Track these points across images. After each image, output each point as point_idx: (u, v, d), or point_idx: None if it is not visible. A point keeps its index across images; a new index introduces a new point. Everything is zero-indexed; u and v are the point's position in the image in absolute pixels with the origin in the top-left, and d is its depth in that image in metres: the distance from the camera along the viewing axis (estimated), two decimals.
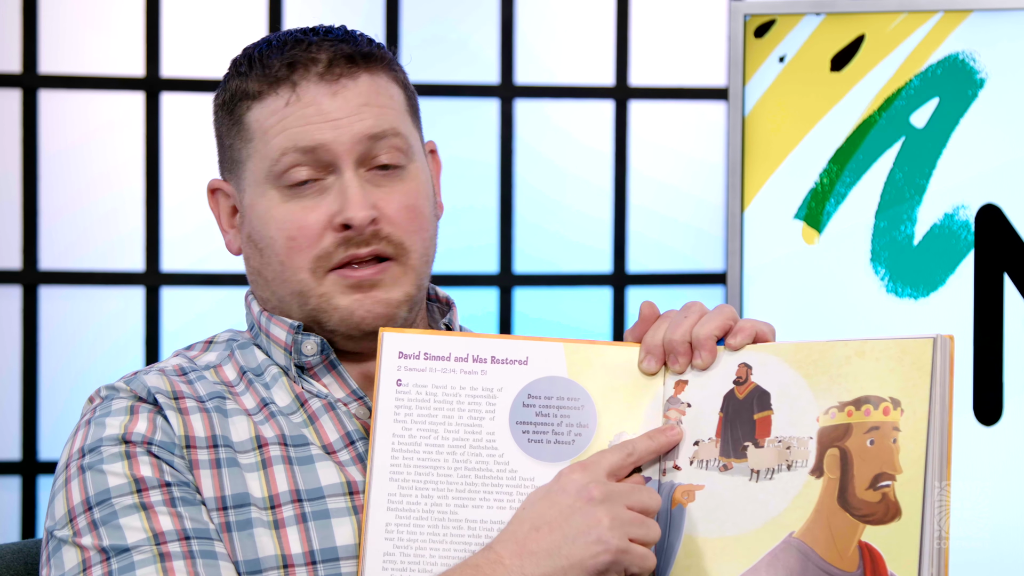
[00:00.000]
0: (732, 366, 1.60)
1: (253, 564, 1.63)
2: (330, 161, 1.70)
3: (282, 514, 1.65)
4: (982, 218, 2.45)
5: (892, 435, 1.52)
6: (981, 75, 2.45)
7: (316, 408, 1.72)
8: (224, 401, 1.71)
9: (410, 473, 1.62)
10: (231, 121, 1.75)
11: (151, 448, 1.65)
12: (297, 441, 1.69)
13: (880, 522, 1.51)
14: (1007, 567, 2.43)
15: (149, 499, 1.62)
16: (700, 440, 1.60)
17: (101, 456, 1.64)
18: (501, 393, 1.63)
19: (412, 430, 1.63)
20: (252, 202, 1.74)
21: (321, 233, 1.70)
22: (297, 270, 1.71)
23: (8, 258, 3.75)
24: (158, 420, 1.67)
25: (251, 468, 1.67)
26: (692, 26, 4.02)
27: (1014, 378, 2.43)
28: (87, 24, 3.78)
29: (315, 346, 1.73)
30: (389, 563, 1.59)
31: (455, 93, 3.92)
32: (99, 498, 1.62)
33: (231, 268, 3.75)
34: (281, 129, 1.70)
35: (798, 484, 1.55)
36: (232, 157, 1.76)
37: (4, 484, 3.76)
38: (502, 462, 1.62)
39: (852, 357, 1.56)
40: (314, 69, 1.71)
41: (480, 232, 3.91)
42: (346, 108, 1.71)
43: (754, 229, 2.52)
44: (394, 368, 1.64)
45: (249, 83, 1.73)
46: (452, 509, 1.61)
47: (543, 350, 1.64)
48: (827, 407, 1.56)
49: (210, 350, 1.78)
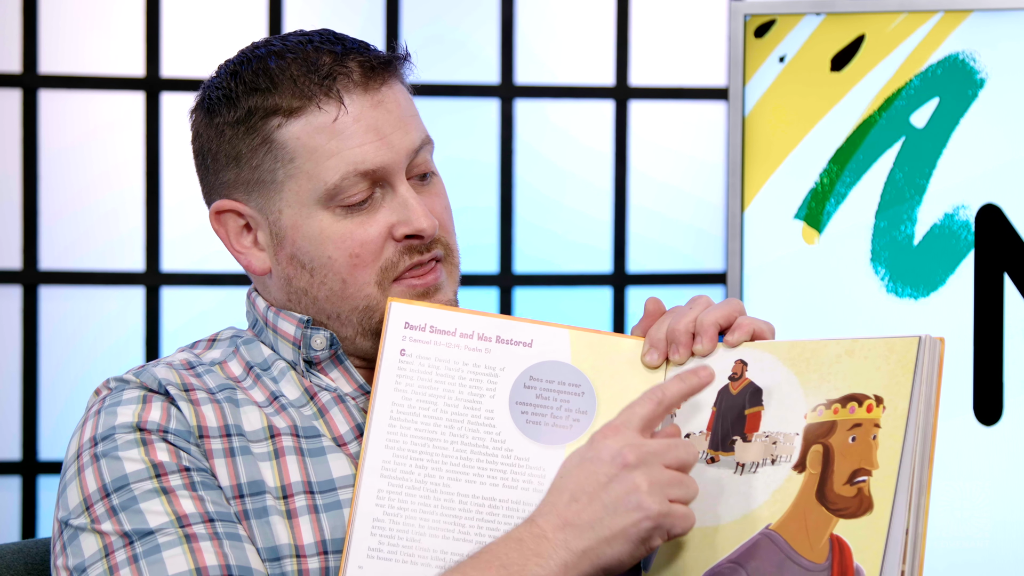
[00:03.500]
0: (729, 362, 1.62)
1: (271, 551, 1.63)
2: (384, 178, 1.71)
3: (294, 504, 1.65)
4: (982, 218, 2.45)
5: (872, 431, 1.54)
6: (981, 75, 2.45)
7: (326, 401, 1.72)
8: (235, 392, 1.71)
9: (406, 442, 1.63)
10: (253, 139, 1.71)
11: (166, 436, 1.64)
12: (309, 432, 1.69)
13: (852, 516, 1.52)
14: (1007, 567, 2.43)
15: (169, 483, 1.61)
16: (691, 433, 1.61)
17: (116, 443, 1.63)
18: (503, 373, 1.65)
19: (411, 400, 1.64)
20: (296, 223, 1.71)
21: (383, 246, 1.71)
22: (363, 285, 1.72)
23: (8, 258, 3.75)
24: (171, 410, 1.66)
25: (264, 457, 1.67)
26: (692, 26, 4.02)
27: (1014, 378, 2.43)
28: (87, 24, 3.78)
29: (324, 340, 1.73)
30: (378, 529, 1.60)
31: (455, 93, 3.92)
32: (117, 484, 1.61)
33: (231, 268, 3.75)
34: (335, 150, 1.69)
35: (779, 478, 1.56)
36: (257, 178, 1.72)
37: (4, 484, 3.76)
38: (498, 440, 1.63)
39: (842, 355, 1.58)
40: (350, 80, 1.70)
41: (480, 232, 3.92)
42: (391, 120, 1.71)
43: (754, 229, 2.52)
44: (399, 338, 1.65)
45: (277, 99, 1.70)
46: (445, 481, 1.62)
47: (548, 334, 1.66)
48: (815, 404, 1.57)
49: (214, 347, 1.78)
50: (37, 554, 1.88)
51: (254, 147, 1.71)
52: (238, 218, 1.75)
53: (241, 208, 1.74)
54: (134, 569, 1.57)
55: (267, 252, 1.75)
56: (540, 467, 1.62)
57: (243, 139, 1.72)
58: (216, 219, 1.76)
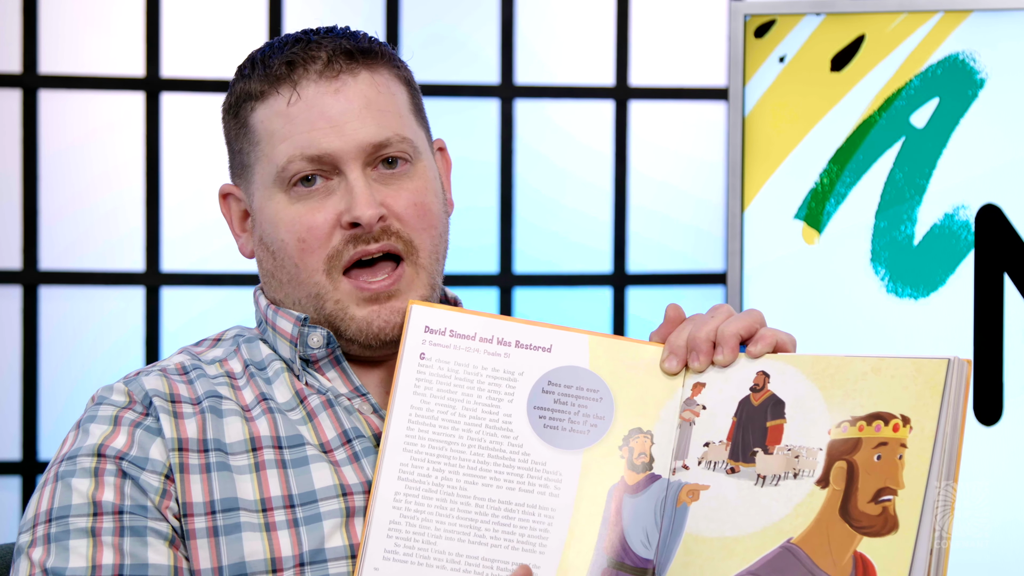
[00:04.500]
0: (751, 373, 1.62)
1: (239, 567, 1.64)
2: (335, 165, 1.71)
3: (273, 518, 1.66)
4: (982, 218, 2.45)
5: (899, 451, 1.54)
6: (981, 75, 2.45)
7: (315, 405, 1.73)
8: (220, 401, 1.71)
9: (424, 446, 1.63)
10: (237, 124, 1.76)
11: (122, 464, 1.67)
12: (292, 442, 1.70)
13: (877, 534, 1.53)
14: (1007, 567, 2.43)
15: (101, 525, 1.65)
16: (711, 442, 1.61)
17: (75, 468, 1.67)
18: (522, 377, 1.65)
19: (430, 403, 1.64)
20: (261, 205, 1.74)
21: (330, 233, 1.71)
22: (312, 272, 1.72)
23: (8, 258, 3.75)
24: (137, 433, 1.68)
25: (243, 471, 1.68)
26: (692, 26, 4.02)
27: (1014, 378, 2.43)
28: (87, 24, 3.78)
29: (321, 338, 1.74)
30: (394, 531, 1.61)
31: (455, 93, 3.92)
32: (59, 512, 1.66)
33: (231, 268, 3.75)
34: (287, 135, 1.71)
35: (802, 492, 1.56)
36: (241, 162, 1.76)
37: (4, 484, 3.76)
38: (516, 444, 1.63)
39: (868, 373, 1.58)
40: (313, 67, 1.71)
41: (480, 232, 3.92)
42: (349, 109, 1.71)
43: (754, 229, 2.52)
44: (419, 341, 1.66)
45: (252, 84, 1.74)
46: (462, 485, 1.62)
47: (568, 340, 1.66)
48: (840, 420, 1.57)
49: (217, 346, 1.80)
50: None
51: (238, 132, 1.76)
52: (238, 202, 1.79)
53: (237, 192, 1.78)
54: None
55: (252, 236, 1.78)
56: (557, 472, 1.62)
57: (232, 124, 1.77)
58: (223, 202, 1.80)
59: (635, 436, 1.63)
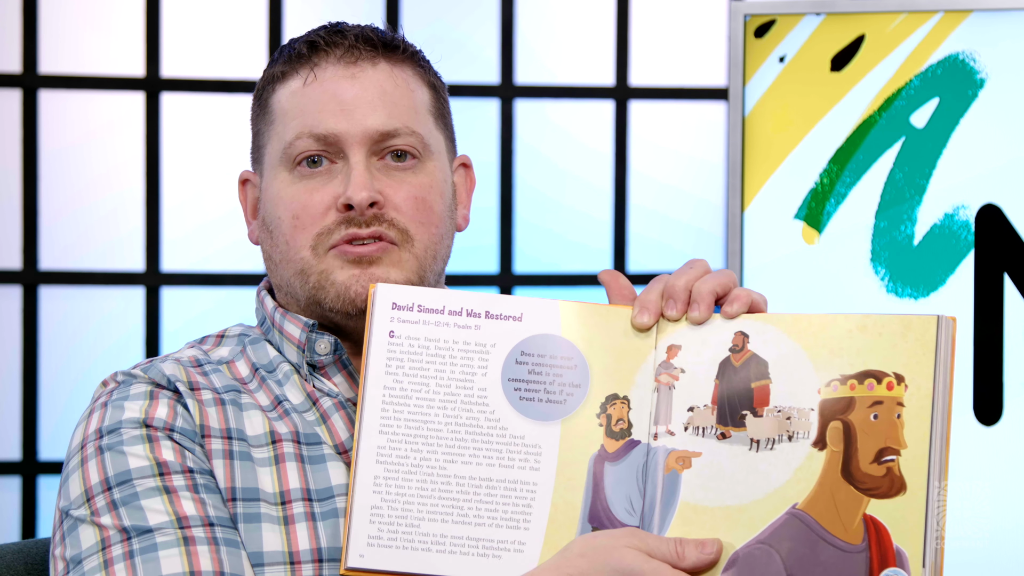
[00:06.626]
0: (728, 334, 1.60)
1: (256, 557, 1.62)
2: (341, 148, 1.71)
3: (292, 511, 1.65)
4: (982, 218, 2.45)
5: (896, 410, 1.53)
6: (981, 75, 2.45)
7: (328, 407, 1.72)
8: (239, 395, 1.71)
9: (400, 427, 1.61)
10: (259, 107, 1.77)
11: (172, 435, 1.64)
12: (310, 439, 1.69)
13: (885, 496, 1.52)
14: (1007, 567, 2.43)
15: (172, 483, 1.61)
16: (695, 406, 1.59)
17: (121, 438, 1.63)
18: (494, 349, 1.62)
19: (403, 383, 1.62)
20: (267, 184, 1.75)
21: (324, 213, 1.71)
22: (300, 248, 1.71)
23: (8, 258, 3.75)
24: (178, 407, 1.66)
25: (264, 463, 1.67)
26: (692, 26, 4.02)
27: (1014, 378, 2.43)
28: (87, 24, 3.78)
29: (328, 345, 1.73)
30: (377, 516, 1.59)
31: (455, 93, 3.90)
32: (120, 479, 1.61)
33: (231, 268, 3.75)
34: (298, 112, 1.72)
35: (800, 455, 1.55)
36: (258, 144, 1.77)
37: (4, 484, 3.76)
38: (493, 419, 1.61)
39: (854, 331, 1.57)
40: (335, 51, 1.73)
41: (480, 232, 3.92)
42: (363, 96, 1.72)
43: (754, 229, 2.52)
44: (387, 319, 1.63)
45: (275, 67, 1.75)
46: (441, 464, 1.60)
47: (538, 307, 1.63)
48: (829, 379, 1.56)
49: (222, 344, 1.78)
50: (37, 554, 1.88)
51: (258, 114, 1.77)
52: (254, 189, 1.79)
53: (253, 178, 1.79)
54: (128, 565, 1.57)
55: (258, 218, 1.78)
56: (536, 444, 1.60)
57: (256, 109, 1.78)
58: (240, 188, 1.81)
59: (612, 402, 1.61)
